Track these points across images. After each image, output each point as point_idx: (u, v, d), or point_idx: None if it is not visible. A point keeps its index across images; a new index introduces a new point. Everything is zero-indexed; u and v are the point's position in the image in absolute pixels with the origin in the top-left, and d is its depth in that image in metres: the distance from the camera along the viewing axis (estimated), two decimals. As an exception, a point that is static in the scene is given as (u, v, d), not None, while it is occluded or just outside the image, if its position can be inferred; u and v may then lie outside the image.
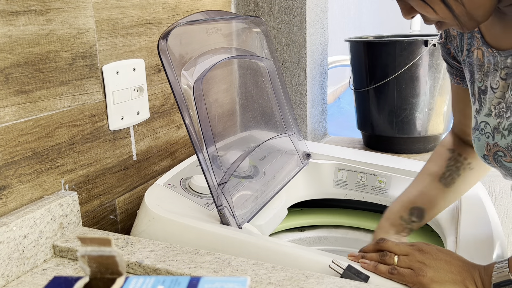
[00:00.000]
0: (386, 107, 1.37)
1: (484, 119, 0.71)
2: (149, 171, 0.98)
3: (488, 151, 0.71)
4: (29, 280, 0.65)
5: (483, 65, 0.70)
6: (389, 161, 1.06)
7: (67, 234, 0.73)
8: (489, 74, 0.68)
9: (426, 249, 0.69)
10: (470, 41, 0.72)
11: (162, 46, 0.71)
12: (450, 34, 0.77)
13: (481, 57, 0.70)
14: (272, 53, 1.00)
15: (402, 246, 0.70)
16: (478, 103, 0.72)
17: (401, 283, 0.66)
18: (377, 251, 0.72)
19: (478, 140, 0.72)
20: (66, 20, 0.76)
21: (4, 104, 0.67)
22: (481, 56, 0.70)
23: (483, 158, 0.73)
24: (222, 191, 0.75)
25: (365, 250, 0.74)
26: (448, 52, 0.79)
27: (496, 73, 0.67)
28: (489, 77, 0.68)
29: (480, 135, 0.72)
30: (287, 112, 1.02)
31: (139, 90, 0.92)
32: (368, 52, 1.37)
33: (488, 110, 0.70)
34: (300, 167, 1.03)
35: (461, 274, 0.65)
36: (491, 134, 0.70)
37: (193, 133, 0.72)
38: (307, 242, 1.07)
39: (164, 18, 0.99)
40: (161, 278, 0.39)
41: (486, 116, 0.70)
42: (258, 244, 0.70)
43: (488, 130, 0.70)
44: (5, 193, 0.68)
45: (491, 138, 0.70)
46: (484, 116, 0.71)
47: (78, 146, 0.80)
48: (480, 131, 0.72)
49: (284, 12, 1.31)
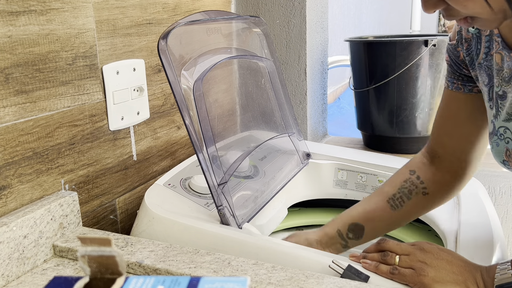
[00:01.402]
0: (386, 107, 1.37)
1: (503, 124, 0.69)
2: (149, 171, 0.98)
3: (507, 156, 0.69)
4: (29, 280, 0.65)
5: (501, 70, 0.67)
6: (389, 161, 1.06)
7: (67, 234, 0.73)
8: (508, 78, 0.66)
9: (428, 249, 0.68)
10: (489, 44, 0.69)
11: (162, 46, 0.71)
12: (463, 37, 0.73)
13: (500, 62, 0.67)
14: (272, 53, 1.00)
15: (403, 246, 0.70)
16: (496, 108, 0.70)
17: (402, 283, 0.66)
18: (379, 251, 0.72)
19: (497, 145, 0.71)
20: (66, 20, 0.76)
21: (4, 104, 0.67)
22: (499, 60, 0.67)
23: (503, 163, 0.71)
24: (222, 191, 0.75)
25: (366, 251, 0.74)
26: (457, 54, 0.76)
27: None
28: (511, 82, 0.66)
29: (499, 140, 0.70)
30: (287, 112, 1.02)
31: (139, 90, 0.92)
32: (368, 52, 1.37)
33: (507, 115, 0.68)
34: (300, 167, 1.03)
35: (462, 275, 0.65)
36: (511, 140, 0.68)
37: (193, 133, 0.72)
38: (307, 242, 1.07)
39: (164, 18, 0.99)
40: (161, 278, 0.39)
41: (505, 121, 0.68)
42: (258, 244, 0.70)
43: (508, 135, 0.68)
44: (5, 193, 0.68)
45: (511, 143, 0.68)
46: (503, 122, 0.69)
47: (78, 146, 0.80)
48: (499, 137, 0.70)
49: (284, 12, 1.31)
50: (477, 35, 0.71)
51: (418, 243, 0.71)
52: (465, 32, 0.73)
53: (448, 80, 0.79)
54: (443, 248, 0.69)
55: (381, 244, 0.72)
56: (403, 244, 0.71)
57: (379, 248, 0.72)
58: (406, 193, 0.82)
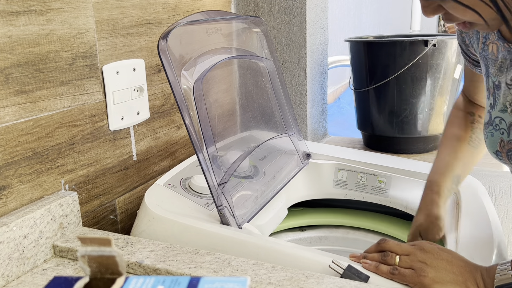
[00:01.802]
0: (386, 107, 1.37)
1: (499, 114, 0.69)
2: (149, 171, 0.98)
3: (501, 147, 0.70)
4: (29, 280, 0.65)
5: (496, 60, 0.69)
6: (389, 161, 1.06)
7: (67, 234, 0.73)
8: (503, 69, 0.68)
9: (428, 249, 0.68)
10: (486, 34, 0.71)
11: (162, 46, 0.71)
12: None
13: (496, 52, 0.69)
14: (272, 53, 1.00)
15: (403, 246, 0.70)
16: (493, 98, 0.71)
17: (402, 283, 0.66)
18: (379, 251, 0.72)
19: (492, 135, 0.71)
20: (66, 20, 0.76)
21: (4, 104, 0.67)
22: (495, 50, 0.69)
23: (495, 154, 0.72)
24: (222, 191, 0.75)
25: (367, 251, 0.74)
26: (463, 40, 0.80)
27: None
28: (504, 73, 0.68)
29: (494, 130, 0.71)
30: (287, 112, 1.02)
31: (139, 90, 0.92)
32: (368, 52, 1.37)
33: (503, 106, 0.68)
34: (300, 167, 1.03)
35: (462, 275, 0.65)
36: (506, 131, 0.68)
37: (193, 133, 0.72)
38: (307, 242, 1.07)
39: (164, 18, 0.99)
40: (161, 278, 0.39)
41: (501, 112, 0.69)
42: (258, 244, 0.70)
43: (503, 126, 0.69)
44: (5, 193, 0.68)
45: (506, 134, 0.68)
46: (499, 112, 0.69)
47: (78, 146, 0.80)
48: (494, 127, 0.71)
49: (284, 12, 1.31)
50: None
51: (419, 242, 0.71)
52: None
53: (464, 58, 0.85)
54: (444, 248, 0.69)
55: (381, 245, 0.72)
56: (403, 244, 0.71)
57: (379, 248, 0.72)
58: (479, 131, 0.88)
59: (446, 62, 1.31)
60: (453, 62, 1.32)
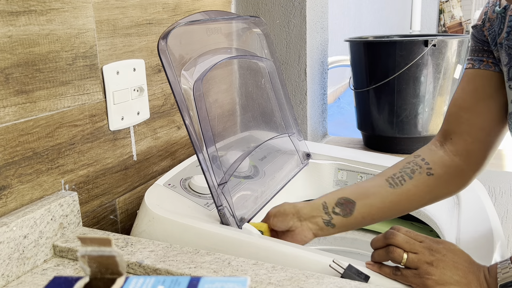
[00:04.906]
0: (386, 107, 1.37)
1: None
2: (149, 171, 0.98)
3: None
4: (29, 280, 0.65)
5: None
6: (389, 161, 1.06)
7: (67, 234, 0.73)
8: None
9: (436, 249, 0.66)
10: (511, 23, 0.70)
11: (162, 46, 0.71)
12: (488, 17, 0.75)
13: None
14: (272, 53, 1.00)
15: (412, 243, 0.67)
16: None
17: (404, 284, 0.65)
18: (386, 245, 0.68)
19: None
20: (66, 20, 0.76)
21: (4, 104, 0.67)
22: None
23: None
24: (222, 191, 0.75)
25: (374, 244, 0.71)
26: (482, 35, 0.76)
27: None
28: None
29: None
30: (287, 112, 1.02)
31: (139, 90, 0.92)
32: (368, 52, 1.37)
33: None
34: (300, 167, 1.03)
35: (466, 277, 0.64)
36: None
37: (193, 133, 0.72)
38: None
39: (164, 18, 0.99)
40: (161, 278, 0.39)
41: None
42: (258, 244, 0.70)
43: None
44: (5, 193, 0.68)
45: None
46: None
47: (78, 146, 0.80)
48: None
49: (284, 12, 1.31)
50: (501, 15, 0.72)
51: (427, 240, 0.68)
52: (490, 13, 0.75)
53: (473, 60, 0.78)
54: (450, 248, 0.67)
55: (389, 239, 0.68)
56: (412, 240, 0.67)
57: (386, 242, 0.68)
58: (408, 172, 0.77)
59: (446, 62, 1.31)
60: (453, 62, 1.33)
